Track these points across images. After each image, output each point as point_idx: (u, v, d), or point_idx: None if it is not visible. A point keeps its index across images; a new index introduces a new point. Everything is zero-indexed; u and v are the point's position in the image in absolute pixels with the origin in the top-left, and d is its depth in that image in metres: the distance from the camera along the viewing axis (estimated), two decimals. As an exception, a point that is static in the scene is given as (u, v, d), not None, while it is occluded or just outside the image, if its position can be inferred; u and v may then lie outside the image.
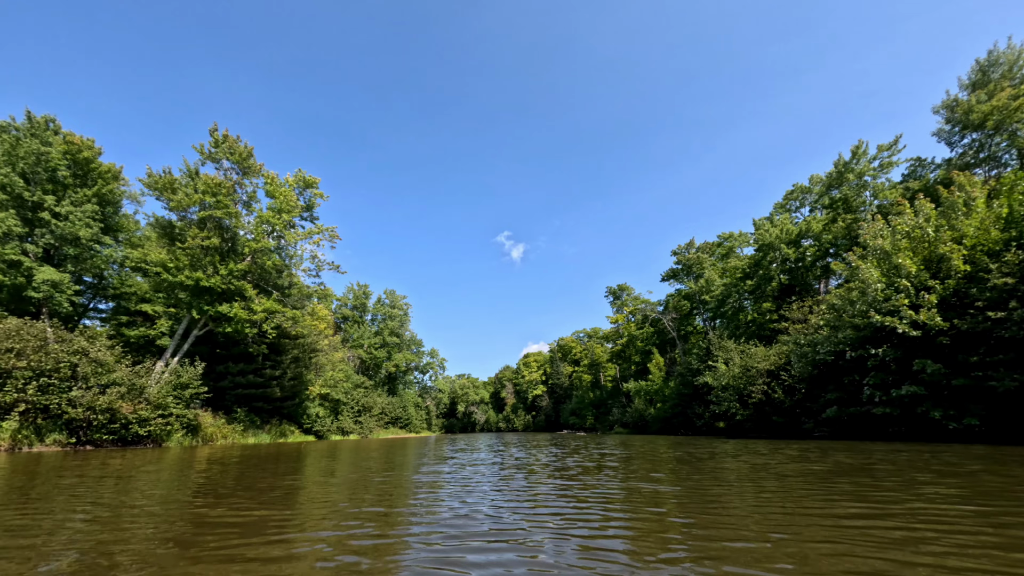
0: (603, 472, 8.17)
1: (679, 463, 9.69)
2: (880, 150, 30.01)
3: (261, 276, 29.59)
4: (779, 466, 8.49)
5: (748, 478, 6.89)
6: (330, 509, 4.92)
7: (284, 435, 35.91)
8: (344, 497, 5.75)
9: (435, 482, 7.28)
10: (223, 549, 3.26)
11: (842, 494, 5.19)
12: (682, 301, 56.88)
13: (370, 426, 54.22)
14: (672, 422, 41.47)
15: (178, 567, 2.84)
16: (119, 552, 3.21)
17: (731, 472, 7.74)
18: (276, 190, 29.38)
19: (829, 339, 17.91)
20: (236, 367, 32.00)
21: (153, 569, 2.81)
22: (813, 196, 42.12)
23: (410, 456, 14.06)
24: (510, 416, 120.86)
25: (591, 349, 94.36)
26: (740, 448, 14.34)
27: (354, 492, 6.20)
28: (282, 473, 8.78)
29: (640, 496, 5.43)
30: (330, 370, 45.18)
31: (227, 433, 28.99)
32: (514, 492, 5.98)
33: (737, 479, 6.79)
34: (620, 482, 6.74)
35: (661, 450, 14.32)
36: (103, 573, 2.75)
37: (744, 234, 48.94)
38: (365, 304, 68.14)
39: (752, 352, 28.76)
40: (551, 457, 12.27)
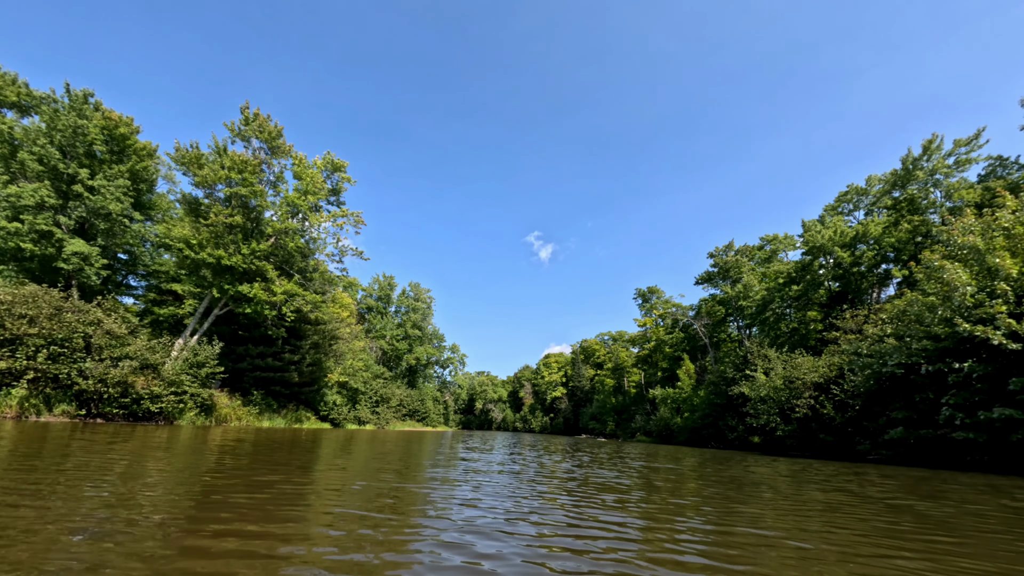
0: (658, 494, 6.61)
1: (748, 486, 7.99)
2: (957, 145, 26.80)
3: (284, 258, 29.23)
4: (899, 501, 6.69)
5: (877, 514, 5.19)
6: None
7: (300, 421, 35.66)
8: (336, 519, 4.46)
9: (445, 498, 5.94)
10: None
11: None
12: (716, 306, 53.84)
13: (387, 417, 53.87)
14: (701, 433, 38.94)
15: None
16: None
17: (836, 503, 6.04)
18: (303, 171, 28.96)
19: (900, 349, 15.53)
20: (256, 349, 31.86)
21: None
22: (870, 198, 38.76)
23: (422, 453, 12.84)
24: (527, 416, 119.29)
25: (615, 352, 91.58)
26: (795, 469, 12.38)
27: (358, 503, 4.91)
28: (277, 469, 7.64)
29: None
30: (350, 359, 44.91)
31: (242, 415, 28.76)
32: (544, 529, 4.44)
33: (857, 519, 5.10)
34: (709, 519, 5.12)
35: (707, 468, 12.55)
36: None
37: (790, 237, 45.67)
38: (390, 295, 68.11)
39: (798, 362, 26.19)
40: (575, 468, 10.74)
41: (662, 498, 5.70)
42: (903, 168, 28.53)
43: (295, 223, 27.72)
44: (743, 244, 49.94)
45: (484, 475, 7.35)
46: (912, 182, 28.93)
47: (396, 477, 6.53)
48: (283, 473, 6.16)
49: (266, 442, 13.35)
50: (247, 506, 3.83)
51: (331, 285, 33.14)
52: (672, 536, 3.55)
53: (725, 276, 52.32)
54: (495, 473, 7.76)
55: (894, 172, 29.56)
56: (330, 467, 7.81)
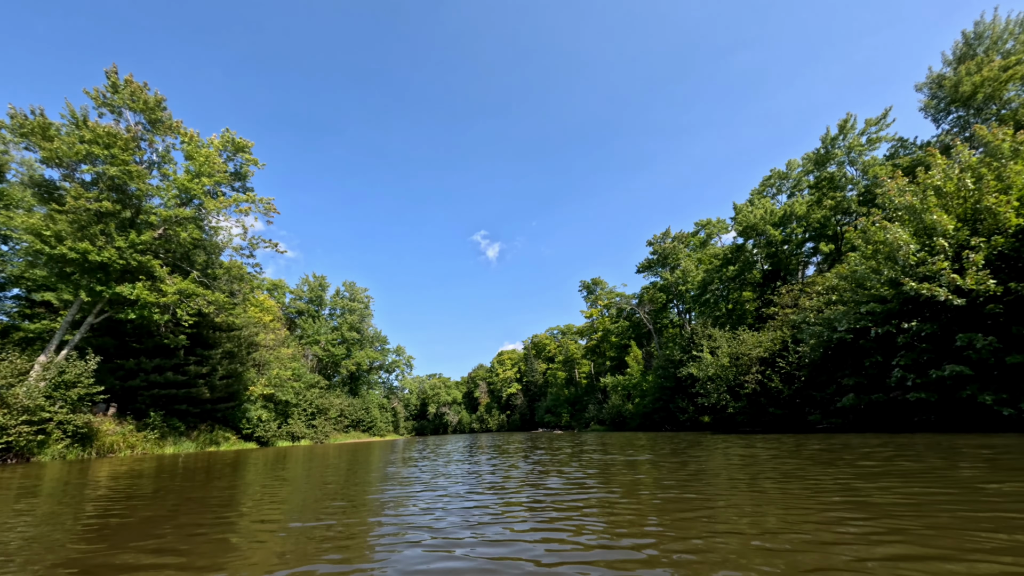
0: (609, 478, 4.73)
1: (730, 465, 6.42)
2: (868, 124, 28.29)
3: (177, 252, 24.68)
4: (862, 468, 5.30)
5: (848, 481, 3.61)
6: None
7: (216, 443, 30.89)
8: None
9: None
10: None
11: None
12: (658, 293, 54.83)
13: (326, 430, 49.15)
14: (653, 418, 38.95)
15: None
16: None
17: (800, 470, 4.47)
18: (195, 151, 24.56)
19: (848, 315, 15.23)
20: (151, 363, 26.83)
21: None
22: (791, 181, 40.69)
23: (359, 468, 10.28)
24: (484, 416, 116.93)
25: (565, 345, 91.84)
26: (749, 444, 11.31)
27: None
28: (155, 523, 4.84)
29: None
30: (277, 368, 40.07)
31: (135, 442, 23.98)
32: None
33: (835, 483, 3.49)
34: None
35: (661, 446, 11.11)
36: None
37: (722, 221, 47.24)
38: (322, 297, 62.63)
39: (743, 338, 26.31)
40: (531, 470, 8.77)
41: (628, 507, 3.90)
42: (823, 147, 29.81)
43: (188, 211, 23.37)
44: (679, 231, 51.12)
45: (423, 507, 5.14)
46: (831, 161, 30.33)
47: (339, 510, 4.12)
48: (168, 524, 3.57)
49: (158, 474, 10.14)
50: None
51: (241, 283, 28.76)
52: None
53: (664, 263, 53.37)
54: (440, 505, 5.57)
55: (816, 152, 30.88)
56: (248, 501, 5.64)
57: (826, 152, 30.01)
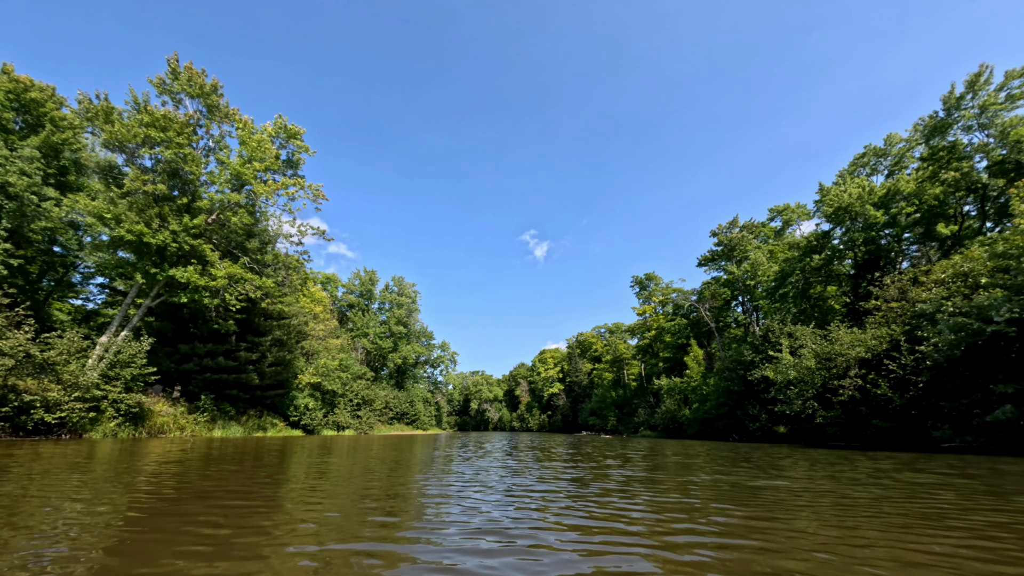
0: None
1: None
2: (1009, 77, 23.10)
3: (228, 238, 24.81)
4: None
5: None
6: None
7: (263, 428, 31.22)
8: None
9: None
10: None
11: None
12: (721, 288, 50.11)
13: (371, 421, 49.38)
14: (715, 425, 35.12)
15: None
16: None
17: None
18: (249, 136, 24.56)
19: (1012, 300, 11.62)
20: (203, 347, 27.36)
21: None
22: (891, 159, 35.23)
23: (404, 460, 8.74)
24: (524, 415, 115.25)
25: (613, 345, 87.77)
26: (876, 467, 8.42)
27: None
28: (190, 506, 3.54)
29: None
30: (325, 358, 40.44)
31: (186, 424, 24.33)
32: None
33: None
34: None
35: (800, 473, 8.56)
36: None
37: (802, 206, 42.05)
38: (372, 291, 63.48)
39: (836, 336, 22.39)
40: (586, 481, 6.65)
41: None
42: (945, 108, 24.82)
43: (239, 196, 23.31)
44: (749, 219, 46.23)
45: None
46: (953, 126, 25.27)
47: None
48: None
49: (202, 458, 9.28)
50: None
51: (289, 270, 28.70)
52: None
53: (729, 256, 48.61)
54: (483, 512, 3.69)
55: (932, 117, 25.87)
56: (289, 489, 5.16)
57: (947, 115, 25.04)
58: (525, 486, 6.08)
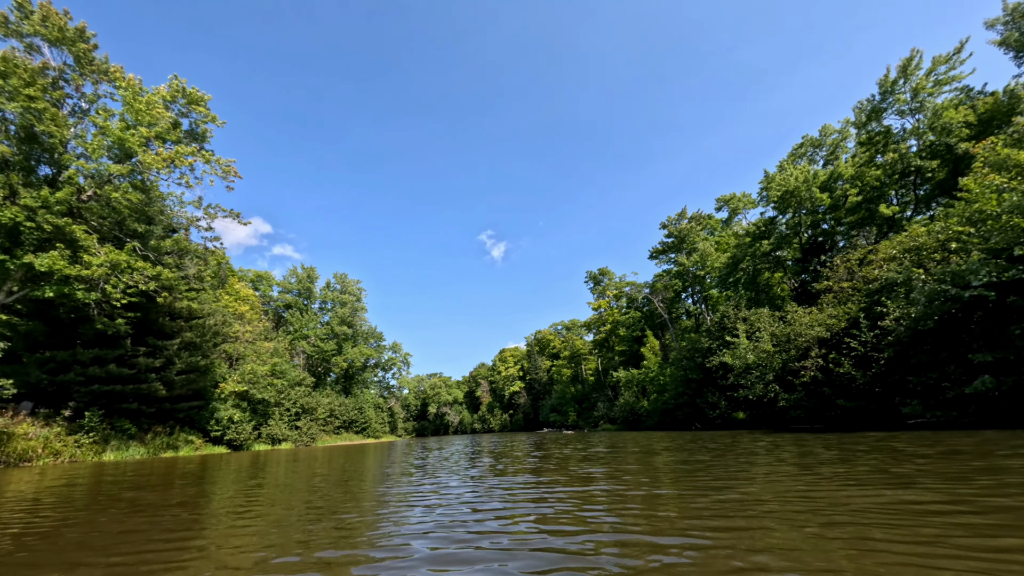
0: None
1: None
2: (937, 62, 23.82)
3: (110, 218, 20.44)
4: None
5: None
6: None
7: (174, 447, 26.62)
8: None
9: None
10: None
11: None
12: (673, 280, 50.41)
13: (312, 432, 44.89)
14: (675, 415, 34.55)
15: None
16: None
17: None
18: (134, 98, 20.33)
19: (990, 263, 10.84)
20: (88, 353, 22.54)
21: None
22: (827, 148, 36.31)
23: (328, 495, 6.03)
24: (486, 416, 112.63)
25: (570, 341, 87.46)
26: (848, 451, 6.99)
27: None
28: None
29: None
30: (254, 363, 35.82)
31: (61, 448, 19.75)
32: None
33: None
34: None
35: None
36: None
37: (747, 195, 42.79)
38: (311, 289, 58.32)
39: (794, 317, 21.93)
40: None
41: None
42: (880, 92, 25.35)
43: (119, 167, 19.12)
44: (697, 210, 46.70)
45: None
46: (888, 111, 25.92)
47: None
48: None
49: (55, 501, 5.94)
50: None
51: (196, 259, 24.51)
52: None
53: (679, 247, 48.95)
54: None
55: (869, 101, 26.44)
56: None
57: (882, 99, 25.57)
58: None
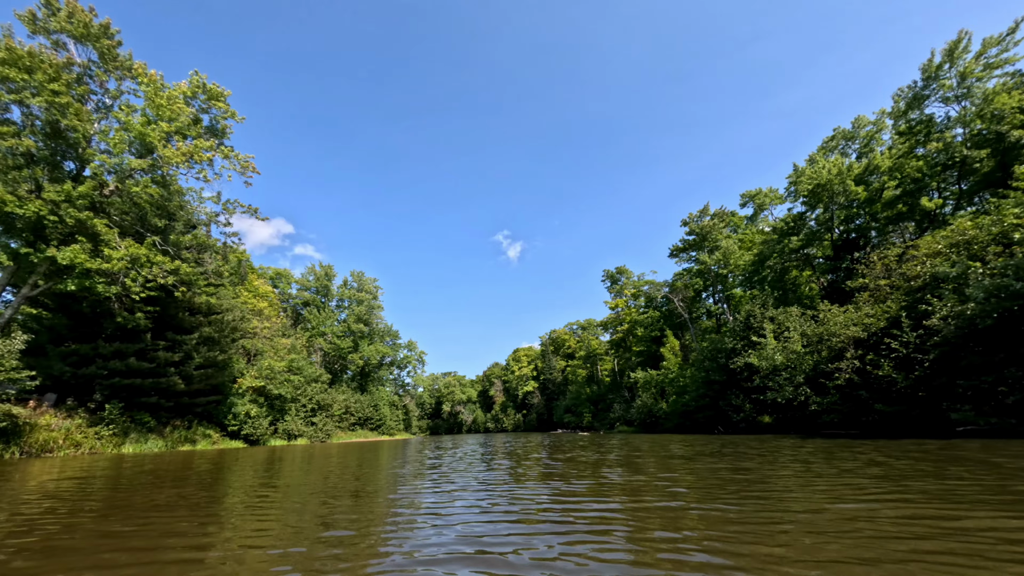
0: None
1: None
2: (987, 44, 22.25)
3: (131, 213, 20.64)
4: None
5: None
6: None
7: (192, 441, 26.89)
8: None
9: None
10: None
11: None
12: (694, 278, 49.01)
13: (328, 428, 45.15)
14: (696, 417, 33.42)
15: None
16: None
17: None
18: (156, 93, 20.48)
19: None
20: (109, 347, 22.87)
21: None
22: (861, 140, 34.66)
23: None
24: (499, 415, 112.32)
25: (586, 341, 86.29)
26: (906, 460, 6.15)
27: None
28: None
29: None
30: (271, 359, 36.11)
31: (82, 439, 20.01)
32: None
33: None
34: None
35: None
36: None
37: (774, 190, 41.23)
38: (328, 287, 58.80)
39: (828, 316, 20.75)
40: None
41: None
42: (923, 78, 23.84)
43: (140, 161, 19.24)
44: (720, 207, 45.24)
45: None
46: (930, 98, 24.39)
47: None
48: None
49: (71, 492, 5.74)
50: None
51: (214, 254, 24.65)
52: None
53: (701, 245, 47.51)
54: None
55: (911, 87, 24.92)
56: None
57: (925, 85, 24.06)
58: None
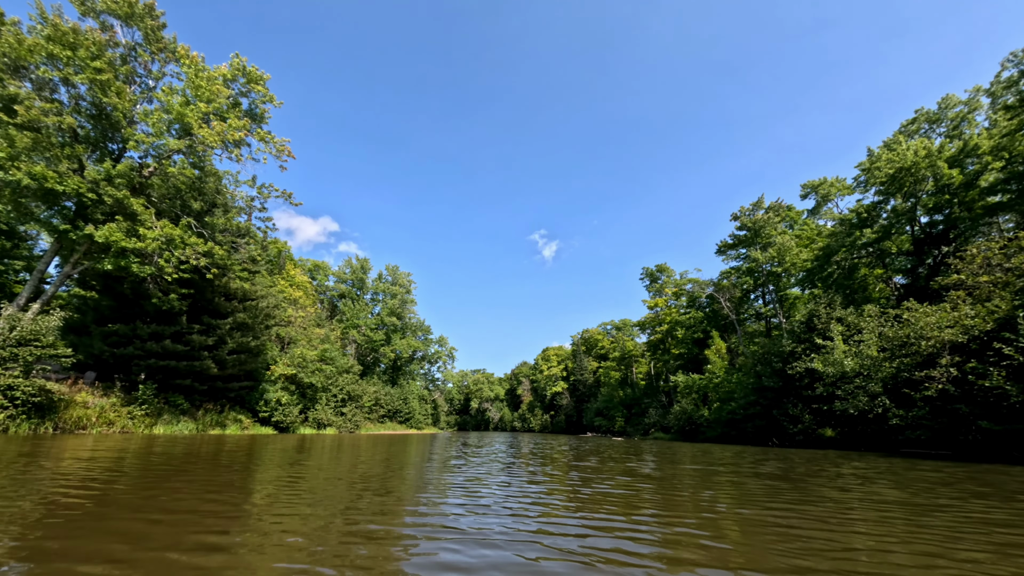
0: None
1: None
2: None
3: (168, 194, 20.70)
4: None
5: None
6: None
7: (222, 425, 27.03)
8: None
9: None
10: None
11: None
12: (743, 277, 45.54)
13: (357, 419, 45.21)
14: (744, 427, 30.58)
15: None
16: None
17: None
18: (196, 75, 20.42)
19: None
20: (147, 328, 23.20)
21: None
22: (948, 123, 30.64)
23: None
24: (526, 415, 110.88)
25: (620, 342, 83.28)
26: None
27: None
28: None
29: None
30: (304, 347, 36.30)
31: (116, 418, 20.20)
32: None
33: None
34: None
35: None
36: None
37: (840, 180, 37.39)
38: (363, 280, 59.34)
39: (912, 316, 17.86)
40: None
41: None
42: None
43: (178, 141, 19.15)
44: (778, 199, 41.60)
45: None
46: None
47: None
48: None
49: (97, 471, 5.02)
50: None
51: (249, 240, 24.55)
52: None
53: (752, 241, 44.01)
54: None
55: (1018, 53, 21.35)
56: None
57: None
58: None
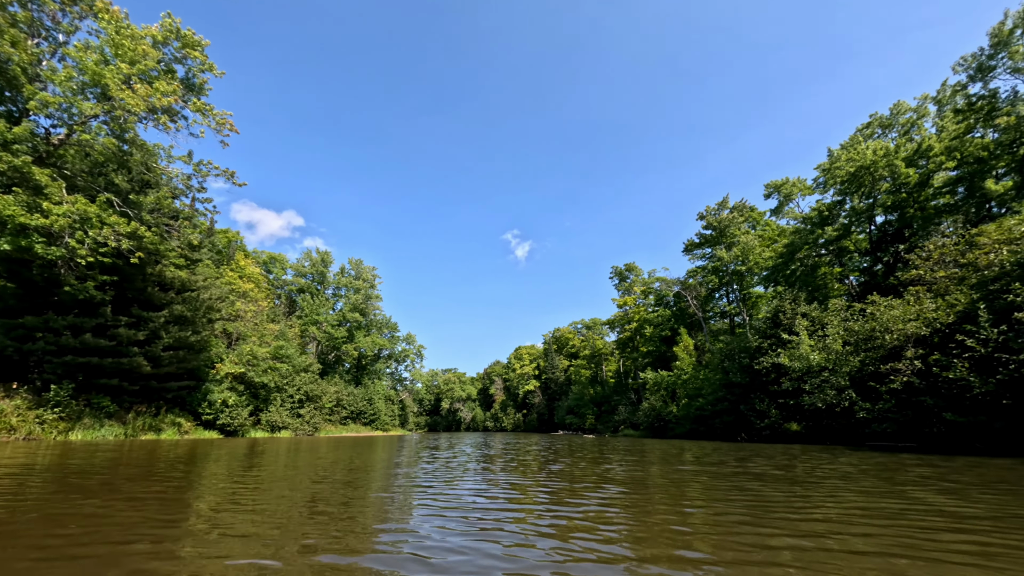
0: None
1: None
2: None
3: (85, 167, 18.19)
4: None
5: None
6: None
7: (157, 429, 24.42)
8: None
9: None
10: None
11: None
12: (708, 276, 46.10)
13: (316, 421, 42.68)
14: (712, 423, 30.56)
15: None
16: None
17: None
18: (117, 32, 18.00)
19: None
20: (61, 320, 20.41)
21: None
22: (898, 128, 31.72)
23: None
24: (498, 414, 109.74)
25: (591, 340, 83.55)
26: None
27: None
28: None
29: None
30: (254, 344, 33.67)
31: (18, 423, 17.61)
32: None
33: None
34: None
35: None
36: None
37: (802, 180, 38.26)
38: (324, 274, 56.41)
39: (876, 310, 17.89)
40: None
41: None
42: (991, 45, 20.87)
43: (93, 105, 16.77)
44: (741, 199, 42.29)
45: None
46: (996, 71, 21.45)
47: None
48: None
49: None
50: None
51: (182, 222, 22.17)
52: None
53: (718, 240, 44.61)
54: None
55: (975, 56, 22.00)
56: None
57: (992, 54, 21.11)
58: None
